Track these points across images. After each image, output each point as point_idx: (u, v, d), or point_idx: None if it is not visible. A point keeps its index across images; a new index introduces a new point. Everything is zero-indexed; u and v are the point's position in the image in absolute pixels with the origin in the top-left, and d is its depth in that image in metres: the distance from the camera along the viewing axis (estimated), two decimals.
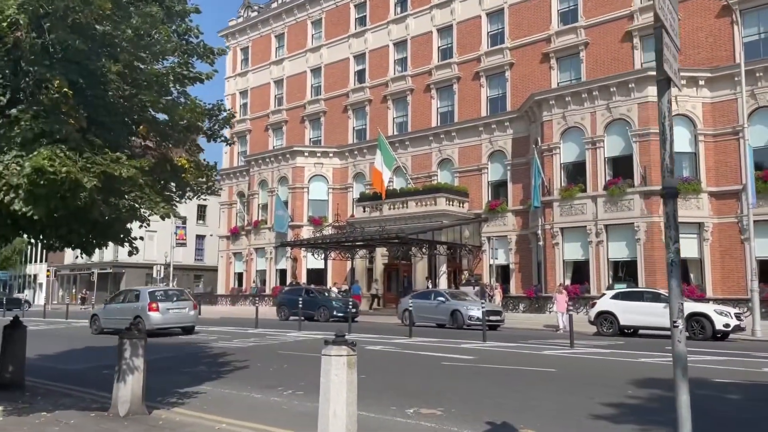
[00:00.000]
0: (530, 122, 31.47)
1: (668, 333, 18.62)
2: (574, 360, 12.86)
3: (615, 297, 20.14)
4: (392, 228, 31.51)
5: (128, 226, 8.48)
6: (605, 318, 19.94)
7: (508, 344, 16.01)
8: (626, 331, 19.93)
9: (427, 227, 30.73)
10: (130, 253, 8.86)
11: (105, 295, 45.36)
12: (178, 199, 8.75)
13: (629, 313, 19.51)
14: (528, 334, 20.08)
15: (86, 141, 6.81)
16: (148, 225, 9.20)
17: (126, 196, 7.27)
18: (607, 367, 11.81)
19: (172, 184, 8.61)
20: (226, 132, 10.62)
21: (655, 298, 19.49)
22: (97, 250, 8.47)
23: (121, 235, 8.47)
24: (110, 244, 8.74)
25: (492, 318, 21.71)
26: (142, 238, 9.63)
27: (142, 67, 7.56)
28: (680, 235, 20.12)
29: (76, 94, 7.00)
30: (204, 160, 9.23)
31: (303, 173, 39.69)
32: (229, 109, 9.22)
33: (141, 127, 8.10)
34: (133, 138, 8.25)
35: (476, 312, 21.82)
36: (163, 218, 7.69)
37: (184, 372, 11.38)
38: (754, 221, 21.49)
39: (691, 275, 26.34)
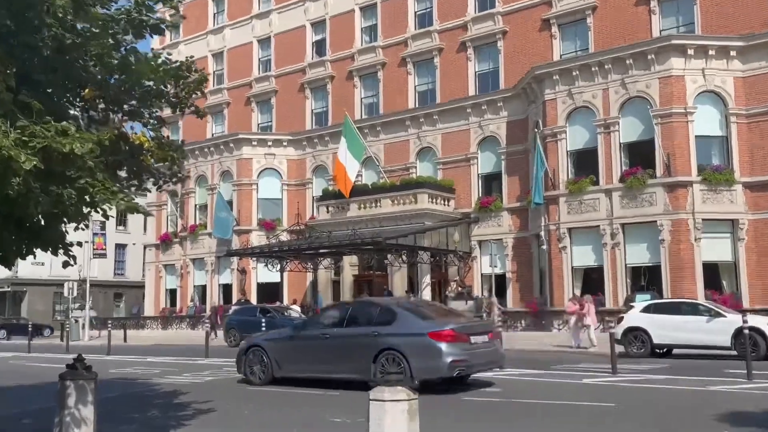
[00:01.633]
0: (529, 102, 31.27)
1: (714, 352, 18.44)
2: (629, 391, 12.34)
3: (646, 310, 19.83)
4: (365, 232, 30.85)
5: (63, 227, 7.49)
6: (635, 336, 19.58)
7: (531, 371, 15.42)
8: (659, 350, 19.66)
9: (408, 230, 30.38)
10: (66, 264, 7.86)
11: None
12: (135, 189, 7.73)
13: (664, 329, 19.14)
14: (542, 357, 19.63)
15: (19, 104, 5.72)
16: (86, 227, 8.20)
17: (73, 184, 6.19)
18: (675, 399, 11.32)
19: (125, 170, 7.59)
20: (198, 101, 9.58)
21: (694, 310, 19.25)
22: None
23: (57, 240, 7.46)
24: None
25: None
26: (80, 244, 8.56)
27: (87, 5, 6.49)
28: (710, 235, 20.07)
29: (0, 41, 5.96)
30: (167, 137, 8.21)
31: (250, 166, 39.20)
32: (200, 70, 8.21)
33: (86, 90, 7.04)
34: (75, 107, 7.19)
35: None
36: (123, 213, 6.66)
37: (133, 419, 10.43)
38: None
39: (724, 282, 26.35)
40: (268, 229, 38.09)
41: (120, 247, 56.15)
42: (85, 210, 6.65)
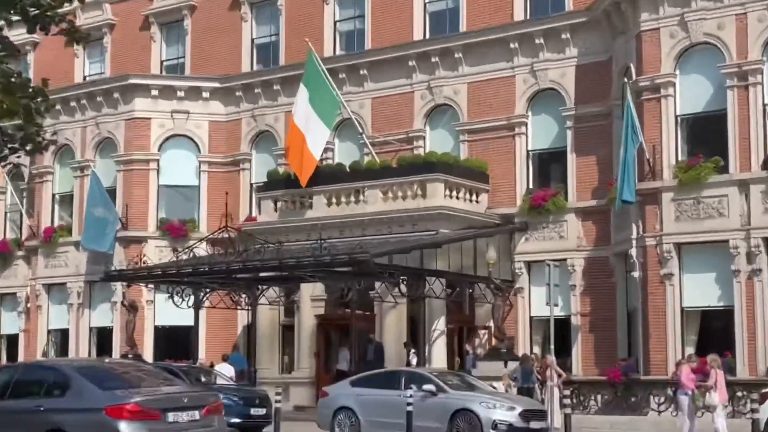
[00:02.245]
0: (614, 34, 31.40)
1: None
2: None
3: None
4: (339, 245, 30.48)
5: None
6: None
7: None
8: None
9: (411, 242, 30.42)
10: None
11: None
12: None
13: None
14: None
15: None
16: None
17: None
18: None
19: None
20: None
21: None
22: None
23: None
24: None
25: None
26: None
27: None
28: None
29: None
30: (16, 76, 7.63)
31: (148, 132, 39.79)
32: None
33: None
34: None
35: (506, 414, 22.29)
36: None
37: None
38: None
39: None
40: (177, 236, 38.33)
41: None
42: None
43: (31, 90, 7.44)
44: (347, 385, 25.09)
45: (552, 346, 27.72)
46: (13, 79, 7.25)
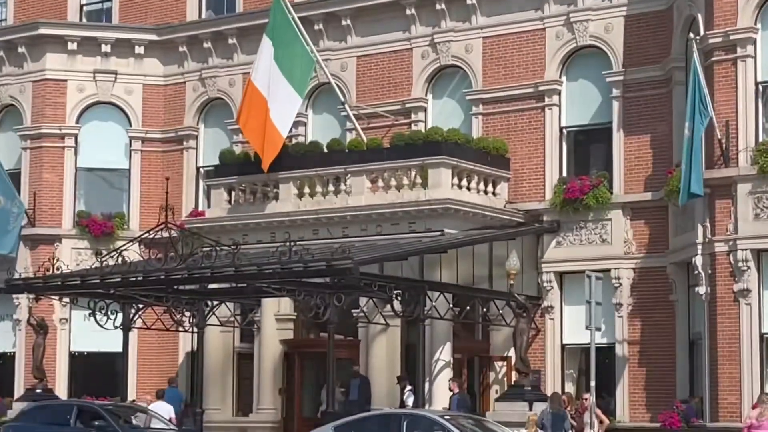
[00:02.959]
0: None
1: None
2: None
3: None
4: (314, 248, 30.26)
5: None
6: None
7: None
8: None
9: (407, 246, 30.41)
10: None
11: None
12: None
13: None
14: None
15: None
16: None
17: None
18: None
19: None
20: None
21: None
22: None
23: None
24: None
25: None
26: None
27: None
28: None
29: None
30: None
31: (63, 97, 40.35)
32: None
33: None
34: None
35: None
36: None
37: None
38: None
39: None
40: (99, 235, 38.81)
41: None
42: None
43: None
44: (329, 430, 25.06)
45: (592, 384, 27.77)
46: None
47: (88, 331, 36.65)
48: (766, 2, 28.31)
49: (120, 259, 32.02)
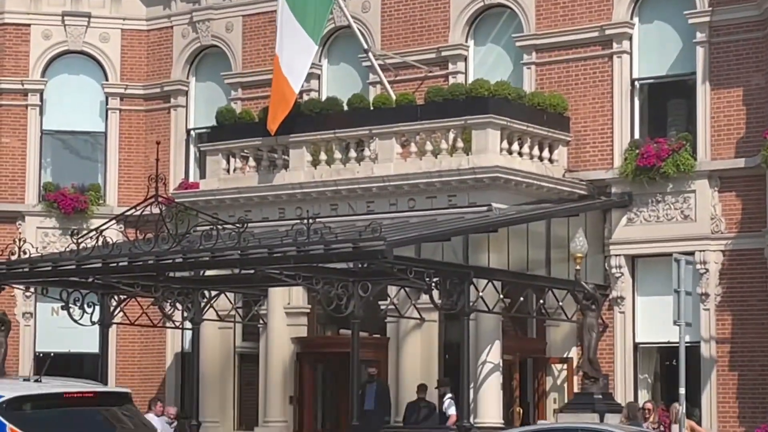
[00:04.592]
0: None
1: None
2: None
3: None
4: (333, 225, 29.59)
5: None
6: None
7: None
8: None
9: (451, 223, 30.07)
10: None
11: None
12: None
13: None
14: None
15: None
16: None
17: None
18: None
19: None
20: None
21: None
22: None
23: None
24: None
25: None
26: None
27: None
28: None
29: None
30: None
31: (25, 47, 40.82)
32: None
33: None
34: None
35: None
36: None
37: None
38: None
39: None
40: (70, 210, 38.66)
41: None
42: None
43: None
44: None
45: (681, 391, 27.35)
46: None
47: (56, 328, 36.94)
48: None
49: (101, 240, 31.17)
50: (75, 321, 32.91)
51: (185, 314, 34.17)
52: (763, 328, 30.41)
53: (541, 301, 31.84)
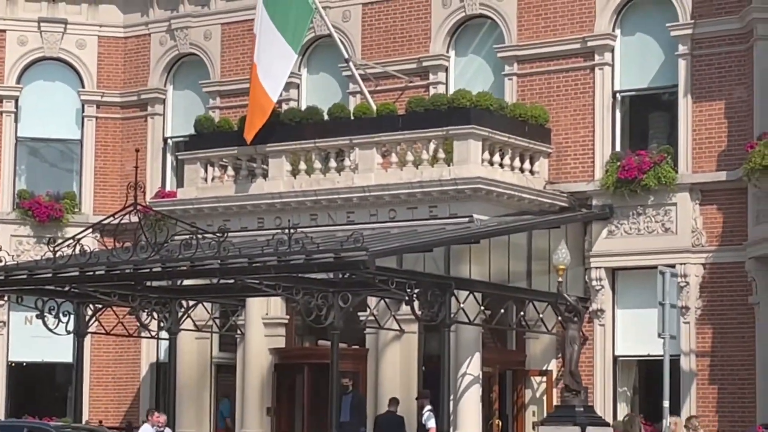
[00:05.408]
0: None
1: None
2: None
3: None
4: (314, 235, 29.48)
5: None
6: None
7: None
8: None
9: (432, 234, 30.09)
10: None
11: None
12: None
13: None
14: None
15: None
16: None
17: None
18: None
19: None
20: None
21: None
22: None
23: None
24: None
25: None
26: None
27: None
28: None
29: None
30: None
31: (1, 53, 40.89)
32: None
33: None
34: None
35: None
36: None
37: None
38: None
39: None
40: (44, 218, 38.63)
41: None
42: None
43: None
44: None
45: (666, 404, 27.24)
46: None
47: (29, 337, 36.67)
48: None
49: (78, 248, 31.12)
50: (50, 330, 32.71)
51: (162, 324, 34.12)
52: (743, 342, 30.59)
53: (522, 313, 31.78)
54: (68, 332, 33.13)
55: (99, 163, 40.54)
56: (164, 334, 34.53)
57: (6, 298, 35.07)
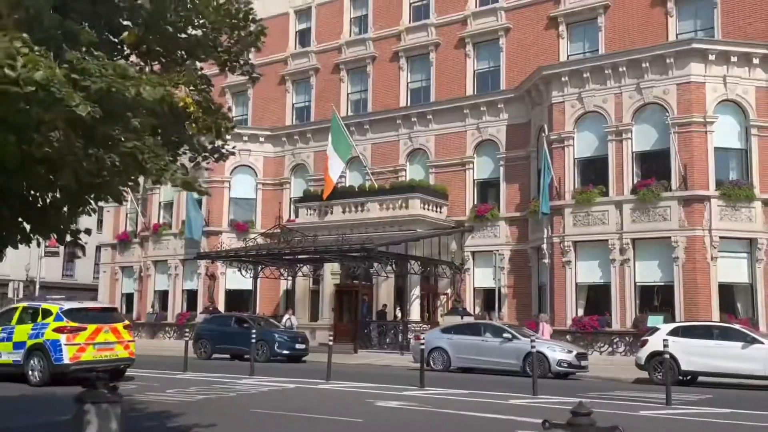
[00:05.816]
0: (533, 105, 30.30)
1: (747, 381, 18.26)
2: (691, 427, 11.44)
3: (673, 333, 19.07)
4: (352, 237, 29.96)
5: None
6: (661, 361, 18.70)
7: (568, 400, 14.20)
8: (683, 377, 19.04)
9: (400, 237, 29.45)
10: (73, 256, 6.59)
11: None
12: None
13: (694, 354, 18.65)
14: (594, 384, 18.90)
15: (64, 32, 4.40)
16: (93, 212, 6.96)
17: (118, 147, 4.86)
18: None
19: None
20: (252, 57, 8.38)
21: (728, 335, 18.86)
22: None
23: (69, 223, 6.23)
24: None
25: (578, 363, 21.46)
26: (88, 231, 7.24)
27: None
28: (727, 255, 19.30)
29: None
30: (215, 102, 6.82)
31: (224, 162, 37.93)
32: (259, 19, 6.95)
33: (126, 33, 5.70)
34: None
35: (564, 355, 21.09)
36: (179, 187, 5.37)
37: None
38: None
39: (739, 304, 25.77)
40: (240, 230, 36.61)
41: (69, 245, 53.58)
42: (130, 181, 5.29)
43: (220, 113, 6.63)
44: (438, 332, 23.51)
45: (495, 307, 27.76)
46: (212, 105, 6.41)
47: (235, 279, 34.68)
48: (579, 119, 27.95)
49: (253, 242, 32.34)
50: (243, 276, 32.70)
51: (288, 274, 33.53)
52: (524, 282, 29.97)
53: (436, 270, 30.84)
54: (250, 277, 32.63)
55: (264, 208, 37.05)
56: (290, 279, 34.28)
57: (224, 264, 34.80)
